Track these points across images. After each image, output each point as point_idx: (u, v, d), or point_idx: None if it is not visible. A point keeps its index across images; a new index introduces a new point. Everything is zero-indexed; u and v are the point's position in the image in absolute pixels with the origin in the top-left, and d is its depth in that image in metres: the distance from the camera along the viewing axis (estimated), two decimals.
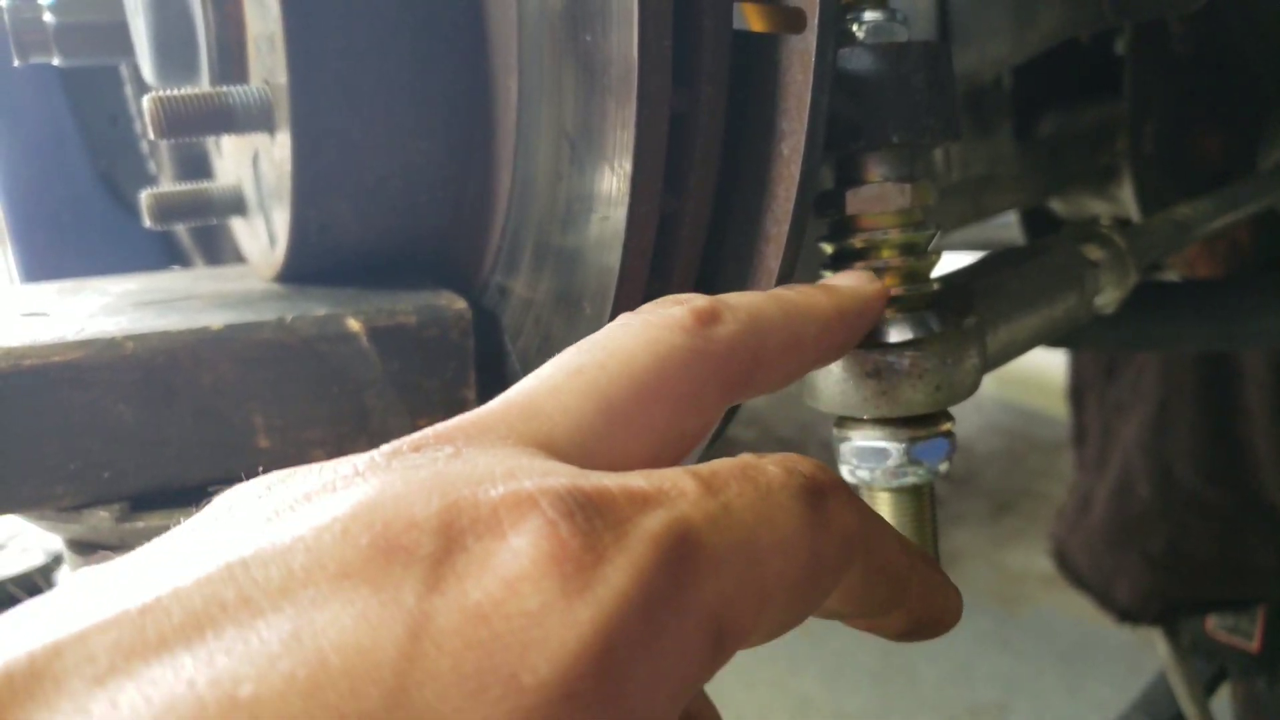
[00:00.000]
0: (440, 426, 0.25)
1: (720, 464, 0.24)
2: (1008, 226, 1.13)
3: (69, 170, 0.99)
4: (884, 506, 0.41)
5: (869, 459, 0.41)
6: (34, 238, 0.99)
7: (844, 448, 0.42)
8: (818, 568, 0.24)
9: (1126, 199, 0.90)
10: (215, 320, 0.46)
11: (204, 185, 0.59)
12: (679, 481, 0.23)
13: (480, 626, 0.19)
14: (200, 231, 0.87)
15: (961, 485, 2.74)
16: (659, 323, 0.29)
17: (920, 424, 0.40)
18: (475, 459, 0.23)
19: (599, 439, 0.26)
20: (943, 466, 0.41)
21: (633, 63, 0.36)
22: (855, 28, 0.40)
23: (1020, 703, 1.87)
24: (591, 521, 0.21)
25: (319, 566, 0.19)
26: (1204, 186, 0.74)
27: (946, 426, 0.41)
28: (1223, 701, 1.39)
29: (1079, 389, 1.48)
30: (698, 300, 0.30)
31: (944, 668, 1.95)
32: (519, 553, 0.20)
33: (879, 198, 0.40)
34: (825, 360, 0.35)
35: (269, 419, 0.46)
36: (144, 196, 0.55)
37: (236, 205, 0.58)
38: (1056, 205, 1.02)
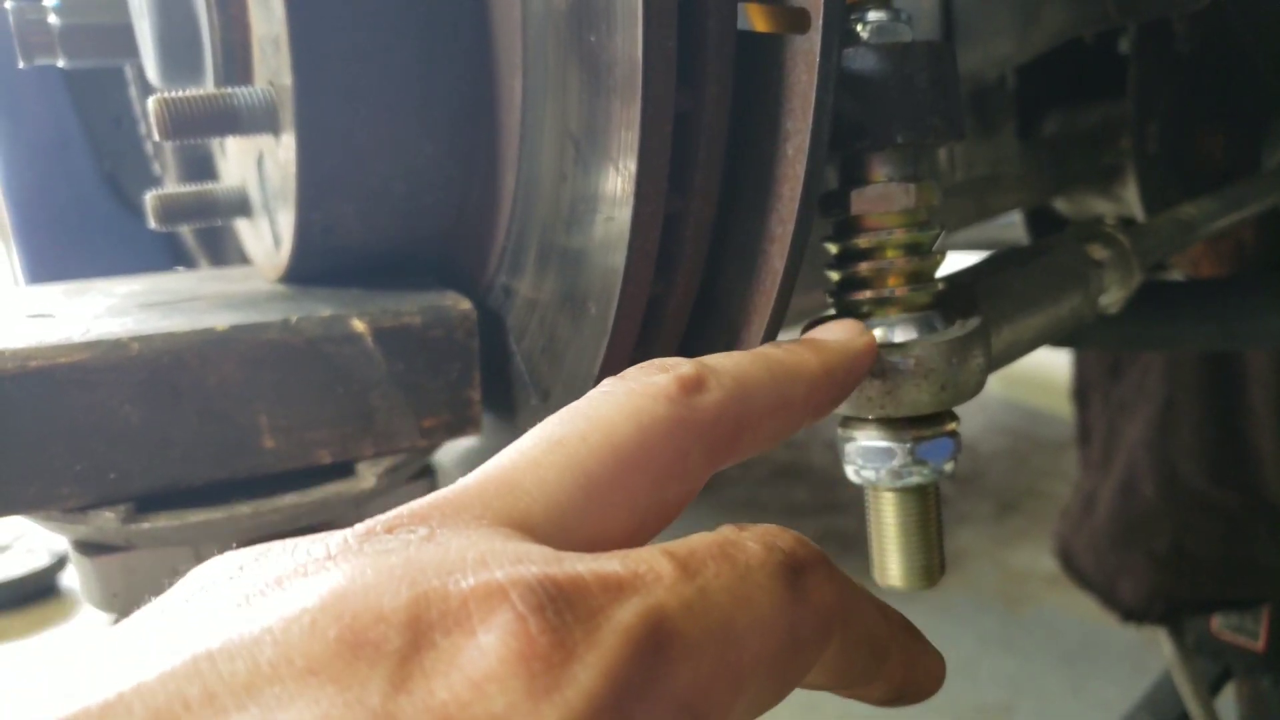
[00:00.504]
0: (416, 504, 0.25)
1: (698, 542, 0.24)
2: (1012, 226, 1.13)
3: (73, 172, 0.99)
4: (888, 506, 0.41)
5: (874, 459, 0.41)
6: (38, 239, 0.99)
7: (849, 447, 0.42)
8: (796, 646, 0.24)
9: (1130, 198, 0.90)
10: (220, 321, 0.46)
11: (209, 187, 0.59)
12: (655, 565, 0.23)
13: None
14: (205, 233, 0.87)
15: (966, 485, 2.73)
16: (642, 391, 0.28)
17: (925, 424, 0.40)
18: (448, 542, 0.23)
19: (578, 515, 0.26)
20: (948, 466, 0.41)
21: (637, 63, 0.36)
22: (859, 28, 0.40)
23: (1025, 703, 1.87)
24: (562, 616, 0.20)
25: (286, 661, 0.19)
26: (1208, 186, 0.74)
27: (951, 426, 0.41)
28: (1227, 701, 1.38)
29: (1083, 388, 1.48)
30: (683, 367, 0.30)
31: (948, 668, 1.95)
32: (486, 651, 0.19)
33: (884, 197, 0.40)
34: (814, 419, 0.35)
35: (274, 419, 0.46)
36: (149, 198, 0.56)
37: (241, 206, 0.59)
38: (1060, 205, 1.02)
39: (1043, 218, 1.08)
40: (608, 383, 0.30)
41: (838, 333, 0.37)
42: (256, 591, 0.21)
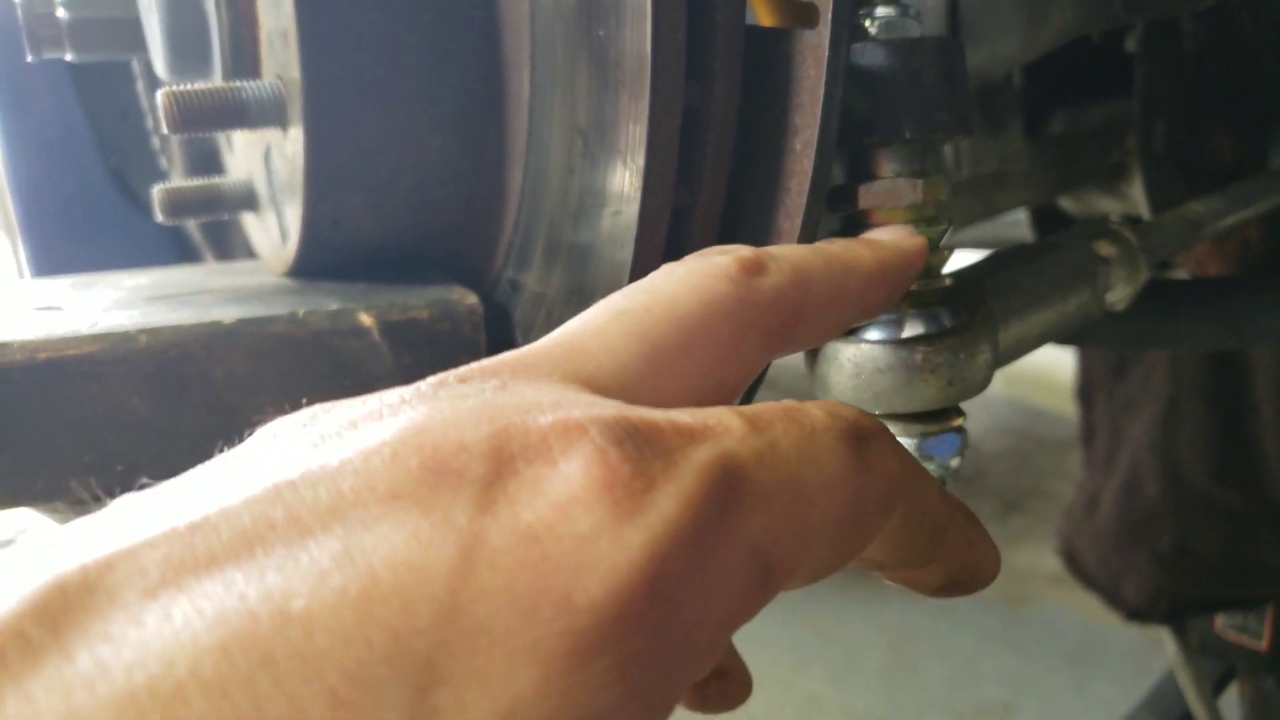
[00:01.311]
0: (486, 362, 0.25)
1: (763, 405, 0.24)
2: (1017, 225, 1.13)
3: (79, 166, 0.99)
4: None
5: None
6: (45, 233, 0.99)
7: None
8: (861, 509, 0.24)
9: (1137, 197, 0.90)
10: (227, 314, 0.46)
11: (216, 180, 0.59)
12: (724, 419, 0.23)
13: (532, 547, 0.18)
14: (211, 227, 0.87)
15: (969, 484, 2.73)
16: (704, 270, 0.28)
17: (932, 419, 0.40)
18: (522, 391, 0.23)
19: (641, 380, 0.26)
20: (954, 462, 0.41)
21: (646, 57, 0.36)
22: (868, 23, 0.40)
23: (1027, 702, 1.87)
24: (640, 450, 0.20)
25: (368, 488, 0.19)
26: (1214, 185, 0.74)
27: (958, 422, 0.41)
28: (1231, 701, 1.38)
29: (1087, 387, 1.48)
30: (743, 250, 0.30)
31: (951, 666, 1.95)
32: (569, 478, 0.20)
33: (891, 193, 0.40)
34: (867, 314, 0.35)
35: (281, 412, 0.46)
36: (156, 191, 0.56)
37: (248, 200, 0.59)
38: (1067, 203, 1.02)
39: (1049, 216, 1.08)
40: (668, 265, 0.30)
41: (890, 234, 0.37)
42: (332, 433, 0.21)
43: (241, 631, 0.16)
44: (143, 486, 0.21)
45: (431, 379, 0.24)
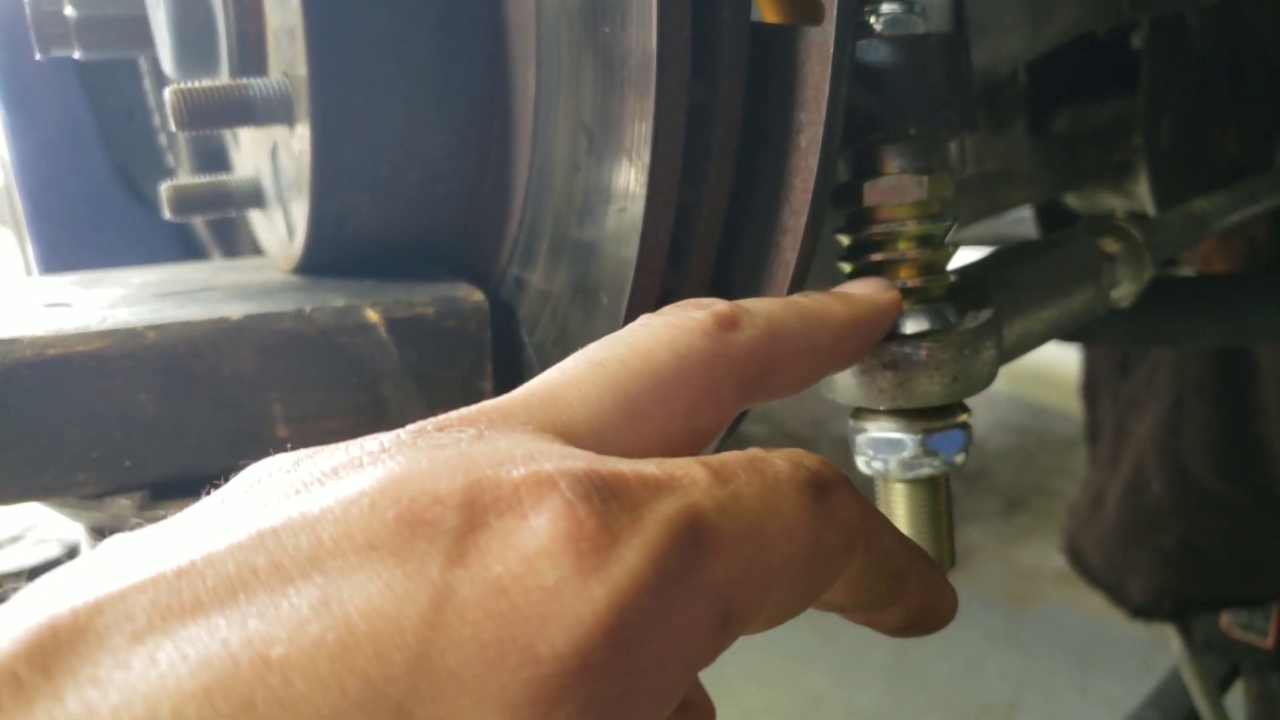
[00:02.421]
0: (464, 411, 0.26)
1: (729, 456, 0.25)
2: (1022, 222, 1.13)
3: (86, 164, 1.00)
4: (899, 498, 0.42)
5: (885, 450, 0.41)
6: (51, 230, 1.00)
7: (860, 439, 0.42)
8: (821, 556, 0.25)
9: (1142, 194, 0.90)
10: (235, 311, 0.46)
11: (222, 178, 0.59)
12: (690, 470, 0.24)
13: (500, 599, 0.19)
14: (217, 224, 0.87)
15: (974, 482, 2.73)
16: (680, 324, 0.29)
17: (936, 415, 0.41)
18: (497, 441, 0.24)
19: (615, 430, 0.26)
20: (958, 458, 0.41)
21: (651, 55, 0.36)
22: (873, 20, 0.40)
23: (1031, 700, 1.87)
24: (607, 504, 0.21)
25: (347, 537, 0.20)
26: (1220, 182, 0.74)
27: (962, 418, 0.41)
28: (1236, 699, 1.38)
29: (1092, 385, 1.47)
30: (718, 305, 0.31)
31: (955, 665, 1.95)
32: (538, 531, 0.20)
33: (896, 189, 0.40)
34: (840, 366, 0.36)
35: (287, 408, 0.47)
36: (164, 189, 0.56)
37: (255, 197, 0.59)
38: (1072, 200, 1.02)
39: (1054, 213, 1.07)
40: (645, 317, 0.31)
41: (864, 287, 0.38)
42: (314, 480, 0.22)
43: (224, 676, 0.17)
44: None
45: (411, 426, 0.25)
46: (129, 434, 0.44)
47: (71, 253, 1.00)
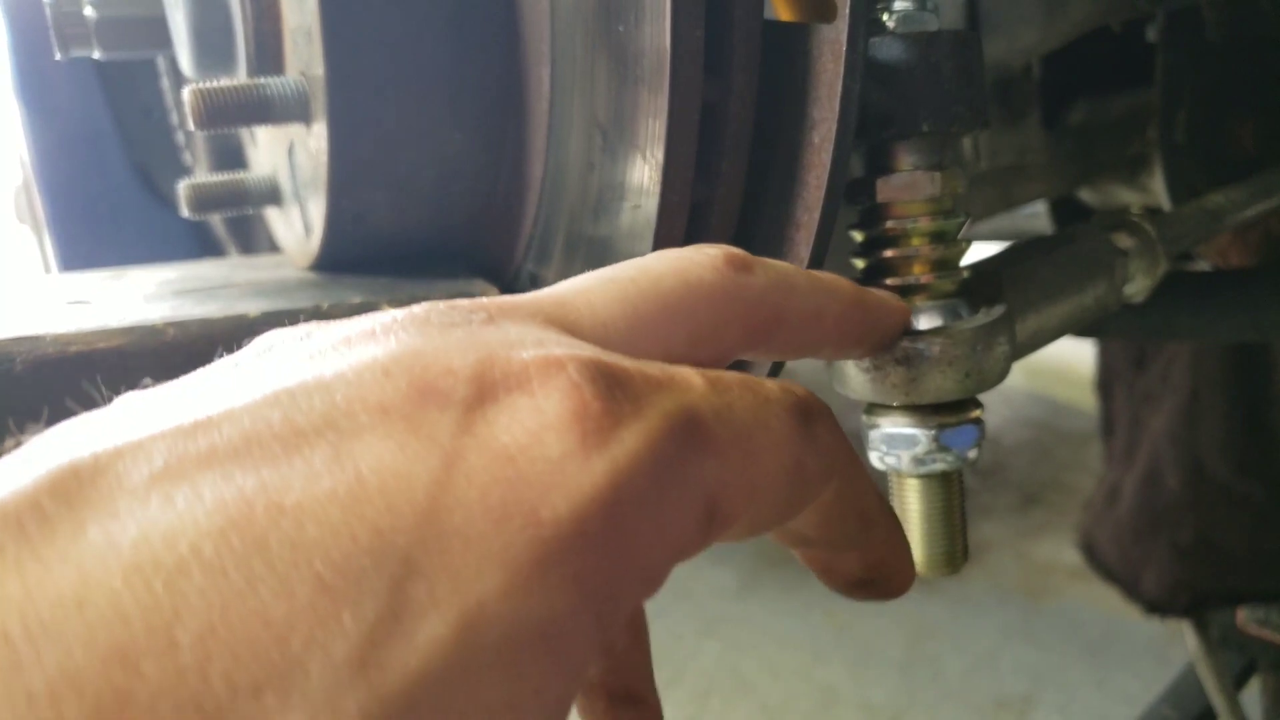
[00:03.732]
0: (474, 299, 0.26)
1: (724, 372, 0.26)
2: (1036, 216, 1.13)
3: (105, 163, 1.01)
4: (913, 494, 0.42)
5: (898, 445, 0.41)
6: (72, 228, 1.01)
7: (873, 434, 0.42)
8: (801, 475, 0.26)
9: (1157, 188, 0.89)
10: (253, 308, 0.47)
11: (240, 176, 0.60)
12: (690, 376, 0.25)
13: (507, 466, 0.20)
14: (234, 222, 0.88)
15: (989, 477, 2.72)
16: (694, 257, 0.30)
17: (949, 411, 0.41)
18: (507, 327, 0.25)
19: (619, 339, 0.27)
20: (971, 454, 0.41)
21: (665, 53, 0.36)
22: (885, 17, 0.40)
23: (1046, 695, 1.87)
24: (612, 390, 0.22)
25: (360, 400, 0.21)
26: (1236, 175, 0.73)
27: (975, 413, 0.41)
28: (1253, 695, 1.38)
29: (1107, 380, 1.47)
30: (733, 249, 0.31)
31: (970, 659, 1.95)
32: (545, 408, 0.21)
33: (909, 185, 0.40)
34: (841, 346, 0.36)
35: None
36: (182, 187, 0.56)
37: (272, 195, 0.59)
38: (1086, 195, 1.02)
39: (1068, 208, 1.07)
40: (662, 249, 0.31)
41: (879, 292, 0.38)
42: (328, 347, 0.23)
43: (239, 518, 0.18)
44: (145, 385, 0.23)
45: (422, 304, 0.25)
46: None
47: (90, 250, 1.01)
